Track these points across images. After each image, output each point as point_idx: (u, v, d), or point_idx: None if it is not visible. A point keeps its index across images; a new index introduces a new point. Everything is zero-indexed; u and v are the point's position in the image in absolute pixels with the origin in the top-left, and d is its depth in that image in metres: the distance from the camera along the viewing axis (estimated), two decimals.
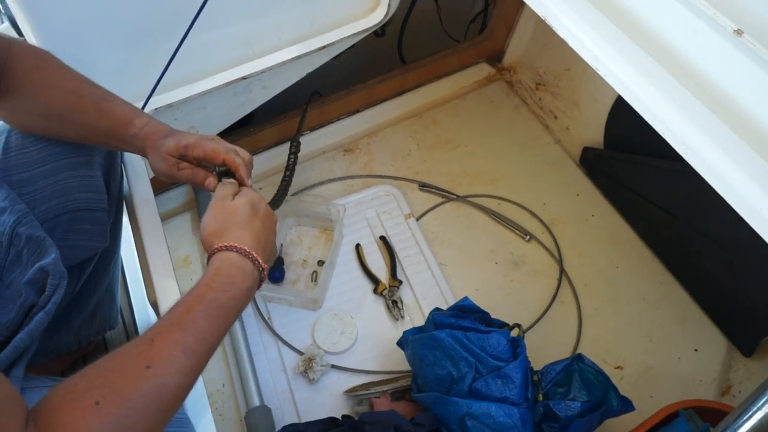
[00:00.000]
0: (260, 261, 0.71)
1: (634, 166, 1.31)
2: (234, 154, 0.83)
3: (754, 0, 0.63)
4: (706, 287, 1.23)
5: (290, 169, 1.27)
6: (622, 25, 0.76)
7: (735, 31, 0.64)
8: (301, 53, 1.19)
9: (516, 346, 0.92)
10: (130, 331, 1.27)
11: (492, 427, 0.87)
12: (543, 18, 0.82)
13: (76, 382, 0.53)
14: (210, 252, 0.72)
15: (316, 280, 1.27)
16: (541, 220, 1.36)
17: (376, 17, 1.24)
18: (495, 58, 1.65)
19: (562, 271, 1.29)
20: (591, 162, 1.42)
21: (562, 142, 1.50)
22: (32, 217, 0.82)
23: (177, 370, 0.58)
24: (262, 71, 1.17)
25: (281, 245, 1.32)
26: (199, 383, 0.67)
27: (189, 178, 0.84)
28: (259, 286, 0.74)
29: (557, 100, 1.51)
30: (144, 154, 0.86)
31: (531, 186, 1.42)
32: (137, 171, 1.01)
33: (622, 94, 0.73)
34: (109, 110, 0.84)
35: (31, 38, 1.00)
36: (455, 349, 0.92)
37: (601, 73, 0.75)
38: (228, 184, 0.81)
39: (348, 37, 1.22)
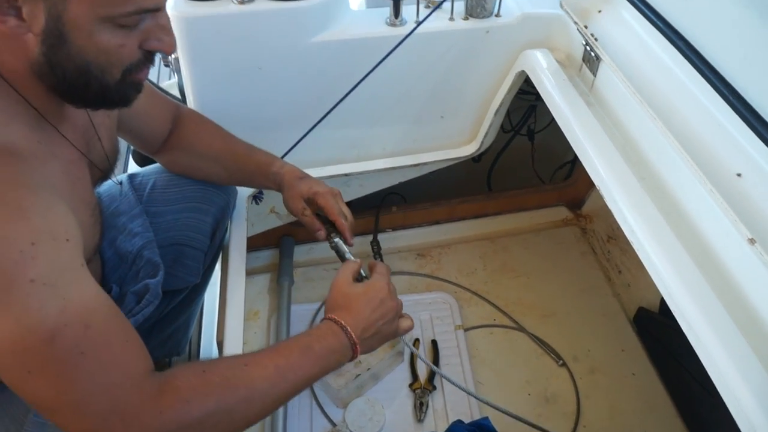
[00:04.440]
0: (357, 343, 0.85)
1: (684, 337, 1.35)
2: (343, 217, 1.05)
3: None
4: None
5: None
6: (664, 208, 0.88)
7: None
8: (396, 165, 1.38)
9: None
10: (193, 359, 1.43)
11: None
12: (597, 186, 0.95)
13: (190, 362, 0.73)
14: (324, 317, 0.89)
15: (356, 379, 1.33)
16: (581, 366, 1.42)
17: (469, 149, 1.42)
18: (574, 205, 1.77)
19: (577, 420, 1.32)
20: (643, 323, 1.48)
21: (620, 297, 1.57)
22: (155, 244, 1.04)
23: (266, 376, 0.75)
24: (361, 173, 1.37)
25: None
26: None
27: (308, 223, 1.06)
28: (351, 359, 0.87)
29: (625, 256, 1.59)
30: (280, 189, 1.09)
31: (579, 330, 1.48)
32: (239, 229, 1.22)
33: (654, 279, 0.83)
34: (254, 154, 1.12)
35: (191, 104, 1.27)
36: None
37: (635, 246, 0.87)
38: (350, 264, 0.97)
39: (440, 161, 1.41)
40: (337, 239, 1.05)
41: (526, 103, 1.61)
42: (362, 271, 1.00)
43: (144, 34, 0.70)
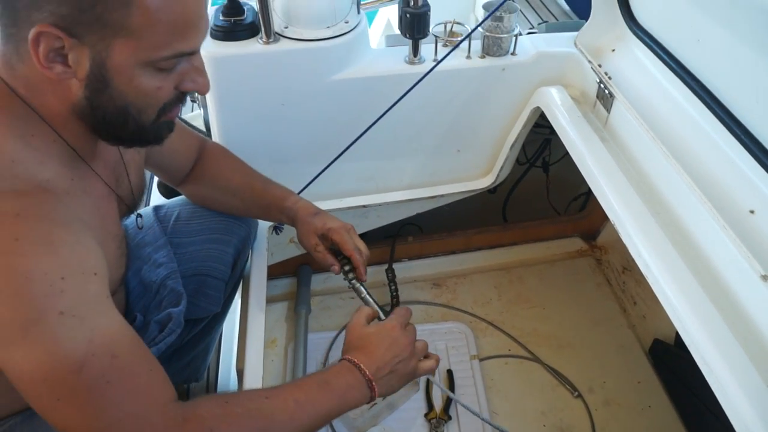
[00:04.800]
0: (372, 380, 0.87)
1: (699, 370, 1.35)
2: (358, 253, 1.06)
3: None
4: None
5: (394, 296, 1.48)
6: (679, 245, 0.90)
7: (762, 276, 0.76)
8: (414, 198, 1.42)
9: None
10: (211, 386, 1.46)
11: None
12: (612, 221, 0.98)
13: (213, 393, 0.76)
14: (342, 357, 0.90)
15: (372, 408, 1.37)
16: (597, 397, 1.42)
17: (485, 182, 1.46)
18: (589, 236, 1.79)
19: None
20: (659, 354, 1.48)
21: (635, 328, 1.57)
22: (179, 274, 1.07)
23: (285, 409, 0.78)
24: (379, 204, 1.41)
25: None
26: None
27: (321, 259, 1.08)
28: (369, 401, 0.88)
29: (640, 287, 1.60)
30: (293, 224, 1.12)
31: (595, 362, 1.49)
32: (260, 260, 1.25)
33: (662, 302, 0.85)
34: (270, 189, 1.15)
35: (215, 137, 1.31)
36: None
37: (650, 281, 0.88)
38: (364, 309, 0.98)
39: (457, 193, 1.44)
40: (352, 277, 1.07)
41: (540, 136, 1.64)
42: (381, 315, 1.01)
43: (180, 76, 0.74)
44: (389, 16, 2.60)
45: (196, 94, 1.37)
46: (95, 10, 0.62)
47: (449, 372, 1.45)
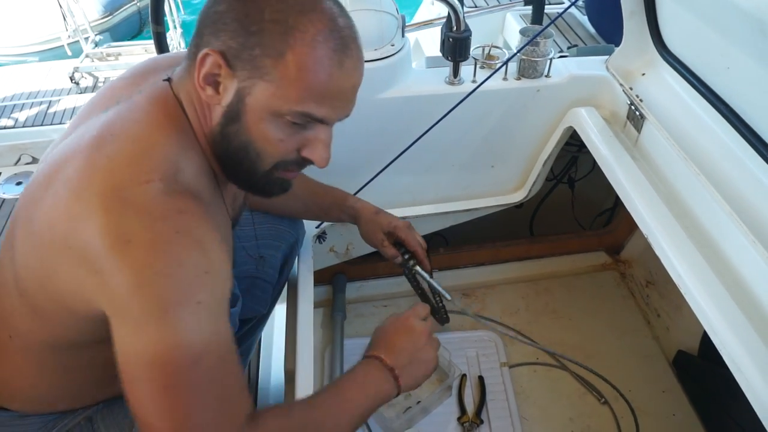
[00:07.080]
0: (394, 368, 0.90)
1: (724, 381, 1.40)
2: (420, 247, 1.21)
3: None
4: None
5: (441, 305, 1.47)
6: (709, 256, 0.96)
7: None
8: (448, 210, 1.49)
9: None
10: (251, 385, 1.53)
11: None
12: (643, 233, 1.04)
13: (272, 406, 0.82)
14: (365, 354, 0.94)
15: (406, 411, 1.40)
16: (623, 405, 1.47)
17: (517, 196, 1.53)
18: (614, 250, 1.85)
19: None
20: (683, 366, 1.53)
21: (659, 340, 1.62)
22: (235, 279, 1.15)
23: (331, 415, 0.84)
24: (415, 216, 1.48)
25: None
26: None
27: (387, 253, 1.22)
28: (397, 393, 0.91)
29: (663, 300, 1.66)
30: (355, 222, 1.24)
31: (621, 371, 1.54)
32: (307, 265, 1.32)
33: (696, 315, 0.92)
34: (330, 191, 1.26)
35: None
36: None
37: (680, 287, 0.95)
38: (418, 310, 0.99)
39: (489, 206, 1.52)
40: (413, 264, 1.22)
41: (568, 153, 1.72)
42: (446, 295, 1.21)
43: (304, 140, 0.79)
44: (417, 36, 2.70)
45: None
46: (254, 51, 0.71)
47: (480, 378, 1.51)
